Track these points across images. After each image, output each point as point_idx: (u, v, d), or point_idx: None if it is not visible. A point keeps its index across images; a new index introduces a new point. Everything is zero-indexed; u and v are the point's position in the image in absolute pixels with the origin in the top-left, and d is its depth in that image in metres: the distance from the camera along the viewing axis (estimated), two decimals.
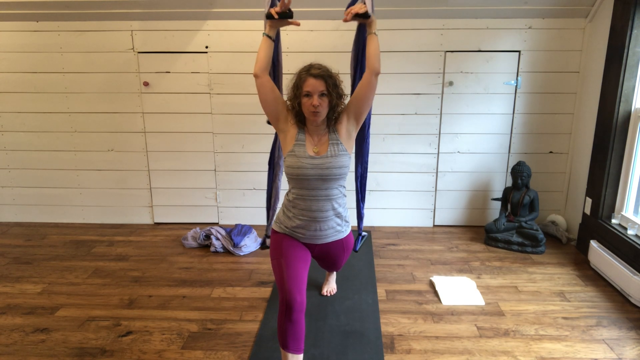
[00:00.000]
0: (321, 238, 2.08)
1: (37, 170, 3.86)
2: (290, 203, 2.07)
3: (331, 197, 2.02)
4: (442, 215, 3.83)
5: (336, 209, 2.06)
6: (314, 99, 1.91)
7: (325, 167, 1.96)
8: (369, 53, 1.98)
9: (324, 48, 3.49)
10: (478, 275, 2.97)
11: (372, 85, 1.99)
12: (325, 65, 1.99)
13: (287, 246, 2.06)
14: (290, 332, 1.86)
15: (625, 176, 2.98)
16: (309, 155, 1.98)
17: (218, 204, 3.86)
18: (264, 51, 1.98)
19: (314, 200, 2.00)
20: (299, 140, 2.01)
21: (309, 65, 1.98)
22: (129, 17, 3.48)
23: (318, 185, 1.99)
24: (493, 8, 3.33)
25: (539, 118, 3.58)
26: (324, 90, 1.92)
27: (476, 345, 2.24)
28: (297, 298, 1.86)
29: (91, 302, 2.65)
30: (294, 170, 1.98)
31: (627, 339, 2.29)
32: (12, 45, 3.60)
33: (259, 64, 1.98)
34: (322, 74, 1.92)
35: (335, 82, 1.98)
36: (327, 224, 2.05)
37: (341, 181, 2.04)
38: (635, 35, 2.82)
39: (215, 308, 2.59)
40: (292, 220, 2.06)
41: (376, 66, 1.97)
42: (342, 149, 2.01)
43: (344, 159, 2.00)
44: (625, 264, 2.72)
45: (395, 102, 3.57)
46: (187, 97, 3.64)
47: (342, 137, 2.03)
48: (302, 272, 1.98)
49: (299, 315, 1.87)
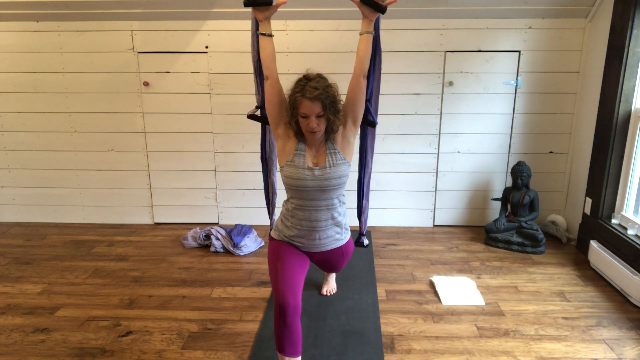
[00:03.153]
0: (320, 247, 2.07)
1: (37, 170, 3.86)
2: (289, 212, 2.05)
3: (330, 207, 2.01)
4: (442, 215, 3.83)
5: (335, 218, 2.05)
6: (310, 120, 1.87)
7: (325, 178, 1.94)
8: (362, 53, 1.92)
9: (324, 48, 3.49)
10: (478, 275, 2.97)
11: (362, 87, 1.96)
12: (322, 79, 1.91)
13: (285, 251, 2.04)
14: (286, 336, 1.84)
15: (625, 176, 2.98)
16: (308, 166, 1.95)
17: (218, 204, 3.86)
18: (264, 50, 1.95)
19: (313, 210, 1.99)
20: (299, 150, 1.98)
21: (305, 81, 1.89)
22: (129, 17, 3.48)
23: (317, 196, 1.97)
24: (493, 8, 3.33)
25: (539, 118, 3.58)
26: (320, 112, 1.86)
27: (476, 345, 2.24)
28: (291, 301, 1.83)
29: (91, 302, 2.65)
30: (293, 181, 1.96)
31: (627, 339, 2.29)
32: (12, 45, 3.60)
33: (263, 65, 1.95)
34: (319, 96, 1.84)
35: (333, 99, 1.90)
36: (326, 232, 2.04)
37: (340, 190, 2.03)
38: (635, 35, 2.82)
39: (215, 308, 2.59)
40: (291, 230, 2.05)
41: (366, 67, 1.94)
42: (340, 158, 1.98)
43: (342, 168, 1.98)
44: (625, 264, 2.72)
45: (395, 102, 3.57)
46: (187, 97, 3.64)
47: (339, 145, 2.00)
48: (298, 277, 1.96)
49: (293, 319, 1.84)
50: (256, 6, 1.86)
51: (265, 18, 1.92)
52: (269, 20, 1.93)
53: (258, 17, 1.92)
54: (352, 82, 1.97)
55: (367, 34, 1.91)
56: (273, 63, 1.96)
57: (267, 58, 1.95)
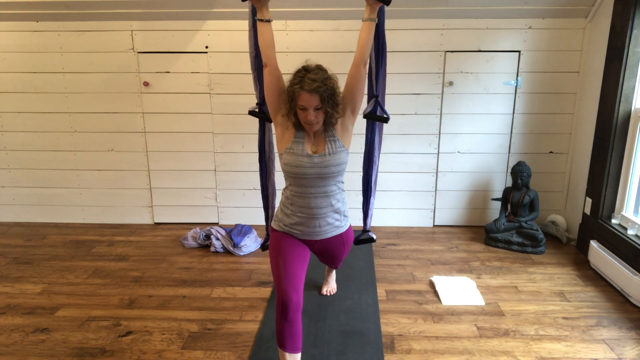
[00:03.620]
0: (320, 234, 2.07)
1: (37, 170, 3.86)
2: (288, 200, 2.05)
3: (329, 193, 2.01)
4: (442, 215, 3.83)
5: (334, 205, 2.04)
6: (308, 113, 1.87)
7: (324, 165, 1.95)
8: (364, 40, 1.91)
9: (324, 48, 3.49)
10: (478, 275, 2.97)
11: (362, 75, 1.95)
12: (321, 70, 1.90)
13: (286, 245, 2.05)
14: (287, 331, 1.86)
15: (625, 176, 2.98)
16: (307, 153, 1.95)
17: (218, 204, 3.86)
18: (262, 36, 1.93)
19: (312, 197, 1.99)
20: (297, 137, 1.97)
21: (304, 73, 1.88)
22: (129, 17, 3.48)
23: (316, 183, 1.98)
24: (493, 8, 3.33)
25: (539, 118, 3.58)
26: (319, 104, 1.86)
27: (476, 345, 2.24)
28: (293, 297, 1.85)
29: (91, 302, 2.65)
30: (292, 168, 1.96)
31: (627, 339, 2.29)
32: (12, 45, 3.60)
33: (262, 52, 1.94)
34: (317, 88, 1.83)
35: (332, 91, 1.88)
36: (325, 220, 2.04)
37: (339, 177, 2.03)
38: (635, 35, 2.82)
39: (215, 308, 2.59)
40: (291, 218, 2.05)
41: (366, 55, 1.93)
42: (339, 145, 1.98)
43: (341, 156, 1.98)
44: (625, 264, 2.72)
45: (395, 102, 3.57)
46: (187, 97, 3.64)
47: (338, 132, 2.00)
48: (299, 272, 1.97)
49: (295, 314, 1.86)
50: None
51: (262, 4, 1.91)
52: (266, 5, 1.92)
53: (255, 3, 1.91)
54: (351, 70, 1.96)
55: (370, 21, 1.90)
56: (272, 50, 1.94)
57: (265, 45, 1.93)
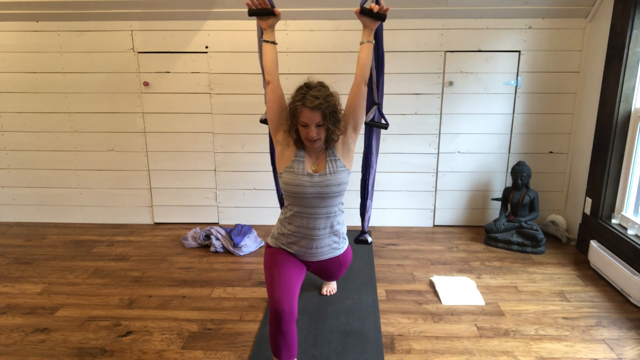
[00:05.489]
0: (317, 255, 2.07)
1: (37, 170, 3.86)
2: (286, 220, 2.05)
3: (330, 215, 2.01)
4: (442, 215, 3.83)
5: (334, 226, 2.05)
6: (310, 130, 1.88)
7: (324, 184, 1.94)
8: (363, 61, 1.95)
9: (324, 48, 3.49)
10: (478, 275, 2.97)
11: (364, 93, 1.99)
12: (323, 87, 1.92)
13: (281, 258, 2.04)
14: (282, 342, 1.83)
15: (625, 176, 2.98)
16: (308, 172, 1.95)
17: (218, 204, 3.86)
18: (267, 56, 1.98)
19: (311, 218, 1.99)
20: (298, 156, 1.98)
21: (306, 90, 1.90)
22: (129, 17, 3.48)
23: (317, 204, 1.97)
24: (493, 8, 3.33)
25: (539, 118, 3.58)
26: (320, 121, 1.87)
27: (476, 345, 2.24)
28: (286, 307, 1.81)
29: (91, 302, 2.65)
30: (292, 187, 1.95)
31: (627, 339, 2.29)
32: (12, 45, 3.60)
33: (265, 69, 1.99)
34: (319, 105, 1.84)
35: (333, 108, 1.90)
36: (323, 241, 2.04)
37: (340, 198, 2.03)
38: (635, 35, 2.82)
39: (215, 308, 2.59)
40: (288, 237, 2.05)
41: (366, 75, 1.97)
42: (340, 165, 1.98)
43: (342, 175, 1.98)
44: (625, 264, 2.72)
45: (395, 102, 3.57)
46: (187, 97, 3.64)
47: (339, 152, 2.01)
48: (294, 283, 1.95)
49: (289, 325, 1.82)
50: (260, 15, 1.96)
51: (269, 26, 1.97)
52: (272, 28, 1.99)
53: (262, 25, 1.98)
54: (353, 89, 1.99)
55: (368, 43, 1.96)
56: (275, 69, 1.99)
57: (269, 64, 1.98)
